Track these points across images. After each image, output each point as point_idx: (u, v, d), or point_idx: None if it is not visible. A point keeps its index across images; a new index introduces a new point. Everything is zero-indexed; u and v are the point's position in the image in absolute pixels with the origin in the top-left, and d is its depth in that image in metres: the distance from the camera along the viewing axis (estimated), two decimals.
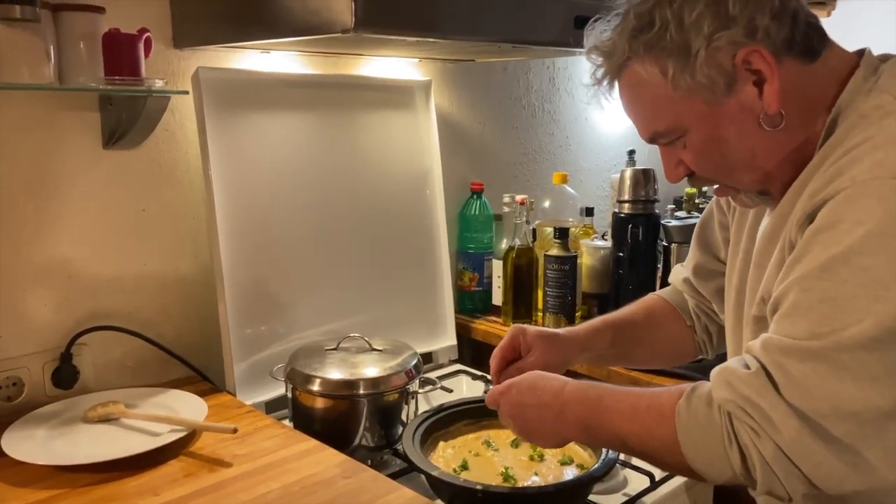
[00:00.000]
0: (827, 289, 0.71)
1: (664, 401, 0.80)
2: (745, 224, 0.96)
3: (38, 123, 1.20)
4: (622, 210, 1.64)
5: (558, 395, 0.90)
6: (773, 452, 0.71)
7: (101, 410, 1.16)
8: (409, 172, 1.62)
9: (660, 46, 0.80)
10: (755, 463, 0.72)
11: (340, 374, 1.20)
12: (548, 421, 0.90)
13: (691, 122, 0.82)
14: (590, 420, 0.87)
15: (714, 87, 0.79)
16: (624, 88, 0.86)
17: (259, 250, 1.38)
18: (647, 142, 0.89)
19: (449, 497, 1.04)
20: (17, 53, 1.04)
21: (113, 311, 1.31)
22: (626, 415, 0.83)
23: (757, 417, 0.71)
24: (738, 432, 0.73)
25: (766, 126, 0.80)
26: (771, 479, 0.72)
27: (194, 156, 1.36)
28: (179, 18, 1.30)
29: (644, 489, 1.11)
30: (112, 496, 0.97)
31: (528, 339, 1.07)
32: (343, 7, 0.97)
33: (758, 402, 0.71)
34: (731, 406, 0.73)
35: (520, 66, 1.95)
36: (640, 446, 0.83)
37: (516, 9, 1.18)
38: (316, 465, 1.05)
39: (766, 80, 0.78)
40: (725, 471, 0.75)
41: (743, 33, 0.77)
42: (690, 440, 0.76)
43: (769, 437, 0.71)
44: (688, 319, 1.14)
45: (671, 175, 0.90)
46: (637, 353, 1.16)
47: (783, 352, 0.72)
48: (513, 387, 0.94)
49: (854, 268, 0.69)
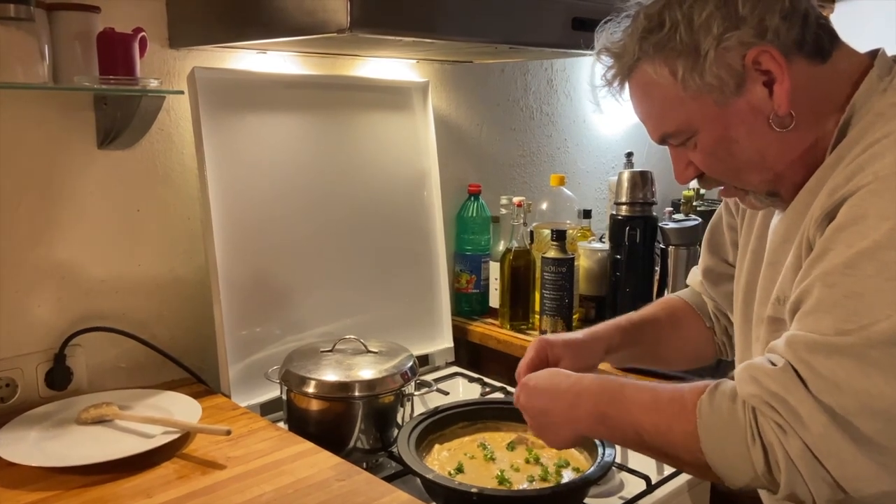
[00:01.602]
0: (852, 284, 0.70)
1: (686, 394, 0.78)
2: (754, 225, 0.96)
3: (32, 123, 1.19)
4: (620, 212, 1.63)
5: (576, 384, 0.89)
6: (800, 450, 0.69)
7: (95, 412, 1.15)
8: (407, 174, 1.62)
9: (670, 47, 0.80)
10: (779, 462, 0.70)
11: (336, 377, 1.20)
12: (561, 410, 0.90)
13: (701, 122, 0.82)
14: (608, 409, 0.85)
15: (724, 88, 0.79)
16: (634, 89, 0.86)
17: (254, 251, 1.37)
18: (658, 143, 0.89)
19: (444, 500, 1.03)
20: (11, 52, 1.03)
21: (107, 311, 1.30)
22: (647, 406, 0.81)
23: (784, 413, 0.70)
24: (763, 429, 0.71)
25: (776, 127, 0.80)
26: (795, 480, 0.70)
27: (189, 156, 1.36)
28: (175, 18, 1.30)
29: (640, 492, 1.11)
30: (105, 498, 0.96)
31: (556, 351, 1.05)
32: (338, 7, 0.96)
33: (785, 398, 0.70)
34: (757, 401, 0.72)
35: (518, 67, 1.95)
36: (656, 440, 0.80)
37: (514, 10, 1.18)
38: (310, 468, 1.04)
39: (776, 80, 0.78)
40: (746, 471, 0.73)
41: (753, 33, 0.77)
42: (711, 437, 0.75)
43: (796, 434, 0.69)
44: (707, 321, 1.13)
45: (681, 176, 0.89)
46: (660, 352, 1.15)
47: (809, 348, 0.70)
48: (532, 378, 0.95)
49: (880, 263, 0.68)
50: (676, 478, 1.15)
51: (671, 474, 1.16)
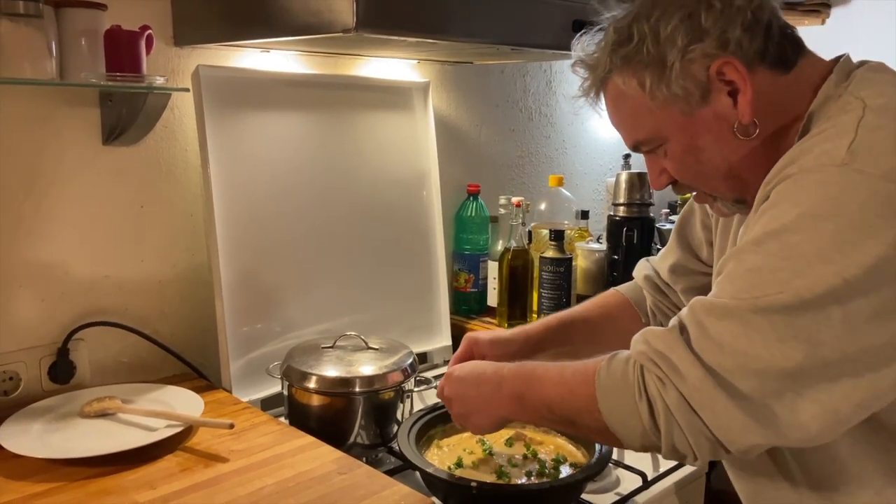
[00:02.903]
0: (756, 260, 0.74)
1: (589, 365, 0.82)
2: (728, 230, 0.99)
3: (38, 119, 1.20)
4: (617, 213, 1.66)
5: (497, 372, 0.94)
6: (677, 400, 0.73)
7: (98, 405, 1.16)
8: (407, 173, 1.63)
9: (637, 59, 0.83)
10: (659, 413, 0.74)
11: (337, 372, 1.21)
12: (485, 396, 0.94)
13: (670, 131, 0.85)
14: (524, 389, 0.90)
15: (689, 98, 0.82)
16: (608, 100, 0.90)
17: (257, 248, 1.38)
18: (631, 150, 0.93)
19: (444, 494, 1.04)
20: (19, 48, 1.05)
21: (109, 306, 1.31)
22: (555, 380, 0.86)
23: (664, 368, 0.74)
24: (647, 384, 0.75)
25: (740, 135, 0.83)
26: (674, 430, 0.74)
27: (193, 153, 1.37)
28: (180, 16, 1.31)
29: (636, 488, 1.12)
30: (109, 489, 0.97)
31: (481, 348, 1.11)
32: (344, 7, 0.98)
33: (668, 355, 0.74)
34: (643, 358, 0.76)
35: (517, 69, 1.97)
36: (562, 409, 0.85)
37: (516, 11, 1.20)
38: (312, 461, 1.06)
39: (740, 90, 0.81)
40: (636, 427, 0.76)
41: (715, 45, 0.80)
42: (606, 397, 0.79)
43: (674, 386, 0.73)
44: (643, 316, 1.16)
45: (655, 182, 0.93)
46: (590, 350, 1.16)
47: (706, 310, 0.74)
48: (456, 369, 1.00)
49: (782, 243, 0.72)
50: (672, 474, 1.17)
51: (666, 471, 1.17)
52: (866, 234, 0.69)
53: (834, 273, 0.69)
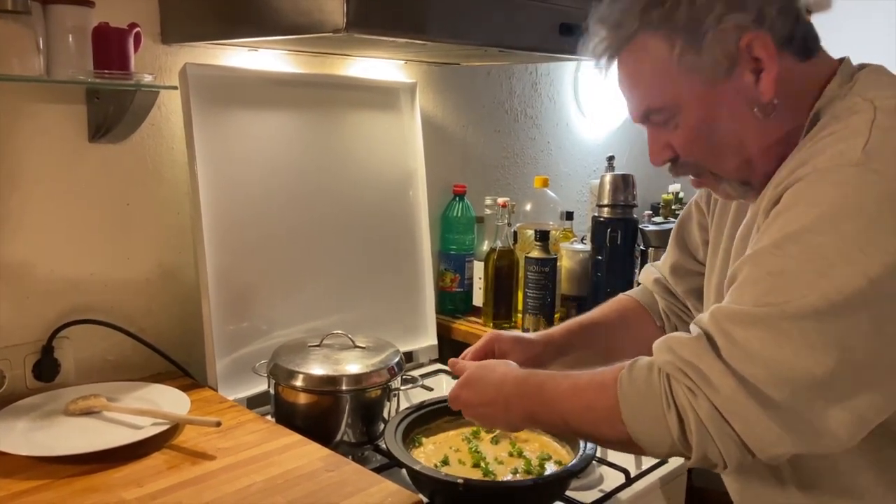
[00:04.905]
0: (777, 263, 0.73)
1: (606, 374, 0.82)
2: (724, 226, 1.00)
3: (24, 115, 1.20)
4: (601, 214, 1.67)
5: (500, 390, 0.93)
6: (709, 411, 0.72)
7: (83, 403, 1.16)
8: (393, 173, 1.64)
9: (672, 21, 0.82)
10: (691, 424, 0.73)
11: (323, 370, 1.21)
12: (499, 417, 0.95)
13: (687, 101, 0.84)
14: (535, 408, 0.89)
15: (716, 68, 0.82)
16: (626, 62, 0.87)
17: (243, 247, 1.38)
18: (638, 120, 0.90)
19: (431, 491, 1.05)
20: (7, 45, 1.04)
21: (95, 304, 1.31)
22: (568, 393, 0.85)
23: (695, 377, 0.73)
24: (676, 394, 0.74)
25: (758, 113, 0.83)
26: (705, 440, 0.73)
27: (180, 152, 1.37)
28: (168, 14, 1.31)
29: (619, 485, 1.14)
30: (96, 487, 0.97)
31: (504, 346, 1.09)
32: (335, 7, 0.98)
33: (697, 364, 0.73)
34: (671, 368, 0.75)
35: (503, 71, 1.98)
36: (580, 422, 0.84)
37: (503, 14, 1.21)
38: (299, 459, 1.06)
39: (765, 68, 0.81)
40: (664, 437, 0.76)
41: (751, 19, 0.80)
42: (630, 407, 0.78)
43: (705, 396, 0.72)
44: (657, 320, 1.16)
45: (656, 157, 0.90)
46: (611, 353, 1.17)
47: (729, 318, 0.74)
48: (462, 391, 0.98)
49: (804, 245, 0.72)
50: (654, 471, 1.19)
51: (649, 468, 1.19)
52: (887, 233, 0.70)
53: (859, 273, 0.69)
